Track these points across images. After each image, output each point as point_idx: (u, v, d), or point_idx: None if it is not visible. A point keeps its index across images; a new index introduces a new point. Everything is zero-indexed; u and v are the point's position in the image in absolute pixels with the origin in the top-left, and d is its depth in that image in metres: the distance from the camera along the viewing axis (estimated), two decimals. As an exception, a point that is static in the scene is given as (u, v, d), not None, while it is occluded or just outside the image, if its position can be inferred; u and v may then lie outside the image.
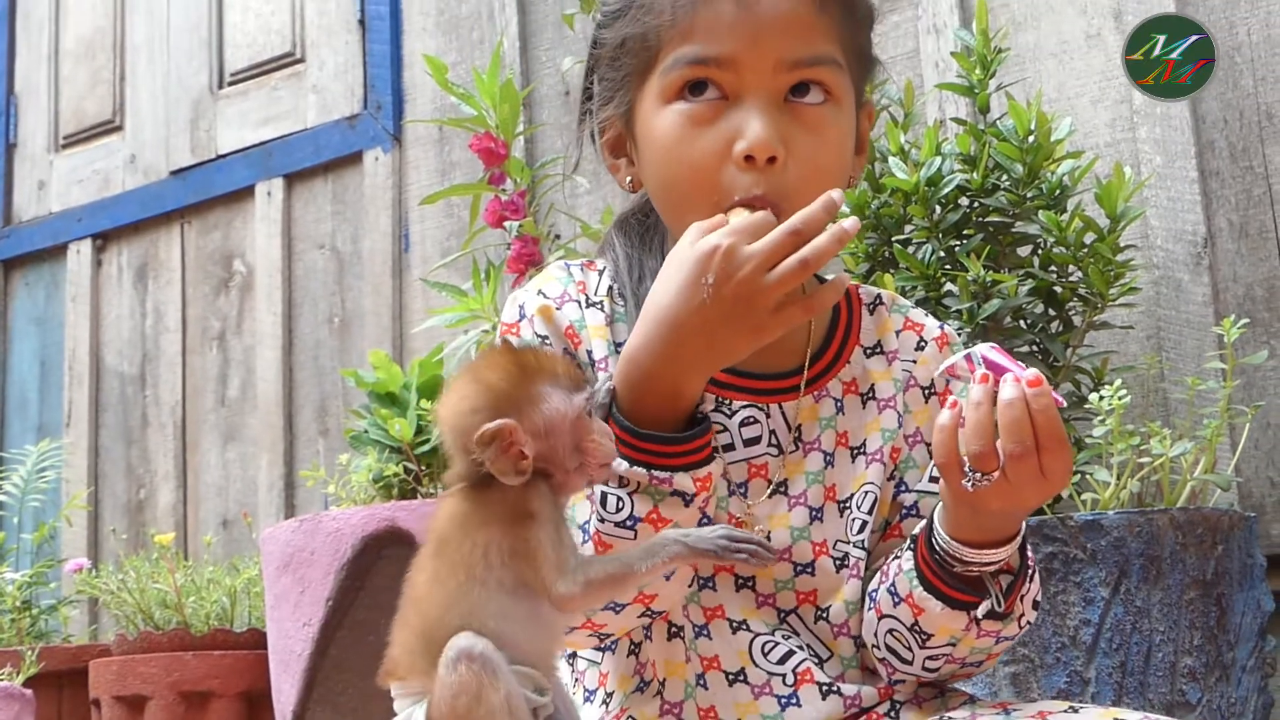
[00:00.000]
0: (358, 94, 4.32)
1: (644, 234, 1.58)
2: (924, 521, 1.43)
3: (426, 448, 2.96)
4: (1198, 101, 2.96)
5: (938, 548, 1.38)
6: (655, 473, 1.32)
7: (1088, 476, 2.32)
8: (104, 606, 3.79)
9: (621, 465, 1.31)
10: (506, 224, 2.90)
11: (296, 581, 2.82)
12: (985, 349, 1.31)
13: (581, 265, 1.57)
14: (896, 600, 1.43)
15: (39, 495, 4.34)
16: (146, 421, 4.68)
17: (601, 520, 1.33)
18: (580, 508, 1.35)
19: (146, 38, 4.91)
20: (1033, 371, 1.28)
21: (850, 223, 1.28)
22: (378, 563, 2.76)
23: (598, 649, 1.50)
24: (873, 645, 1.48)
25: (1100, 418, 2.31)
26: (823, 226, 1.28)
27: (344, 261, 4.30)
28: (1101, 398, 2.31)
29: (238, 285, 4.54)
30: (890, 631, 1.45)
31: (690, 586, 1.45)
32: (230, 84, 4.67)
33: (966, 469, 1.29)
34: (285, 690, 2.88)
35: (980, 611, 1.38)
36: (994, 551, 1.36)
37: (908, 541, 1.44)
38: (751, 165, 1.41)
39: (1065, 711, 1.40)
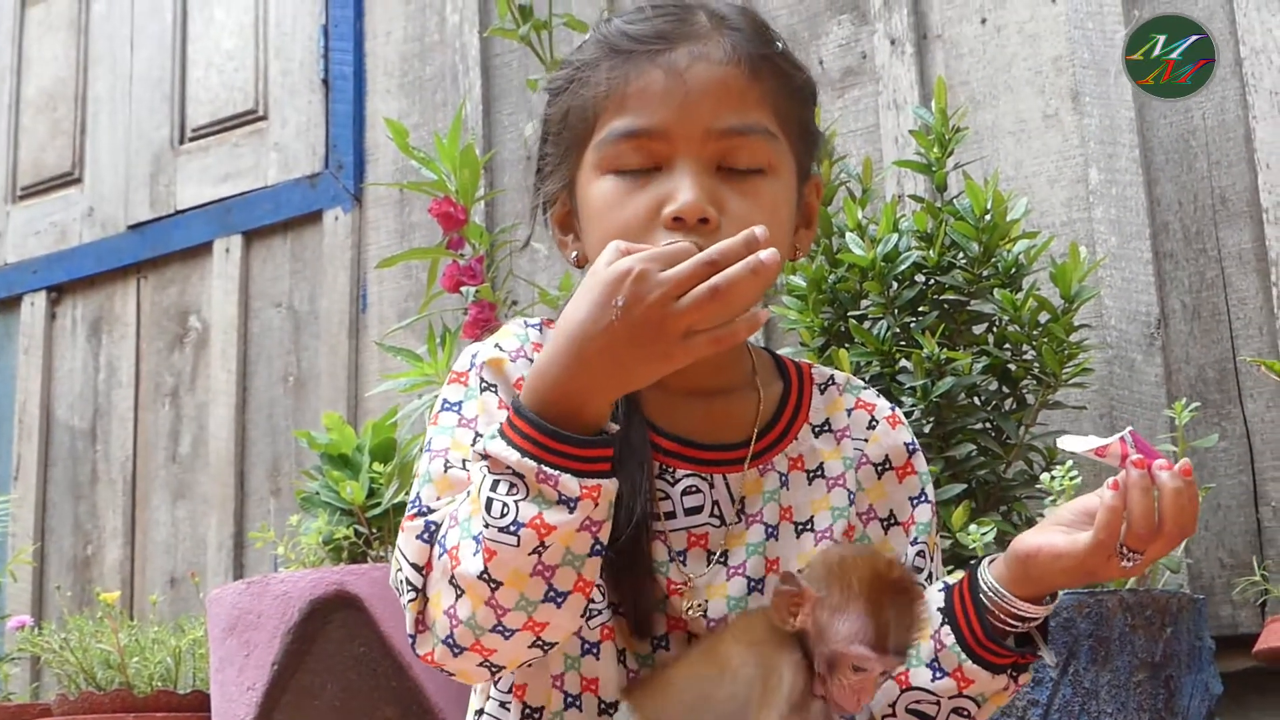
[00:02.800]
0: (319, 153, 4.31)
1: None
2: (942, 596, 1.48)
3: (377, 511, 2.93)
4: (1153, 184, 2.99)
5: (991, 609, 1.44)
6: (543, 468, 1.28)
7: (1038, 556, 2.31)
8: (46, 665, 3.74)
9: (512, 455, 1.29)
10: (464, 289, 2.89)
11: (242, 644, 2.79)
12: (1132, 433, 1.38)
13: (540, 325, 1.57)
14: (938, 674, 1.47)
15: (-17, 550, 4.30)
16: (96, 477, 4.63)
17: (486, 525, 1.30)
18: (475, 519, 1.32)
19: (108, 90, 4.89)
20: (1185, 461, 1.36)
21: (768, 254, 1.26)
22: (325, 627, 2.72)
23: (490, 680, 1.47)
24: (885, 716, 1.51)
25: (1052, 498, 2.31)
26: (740, 259, 1.27)
27: (300, 320, 4.28)
28: (1053, 477, 2.31)
29: (193, 341, 4.51)
30: (916, 701, 1.49)
31: (587, 620, 1.42)
32: (191, 139, 4.65)
33: (1123, 549, 1.35)
34: (227, 755, 2.84)
35: (1047, 657, 1.47)
36: (1047, 606, 1.45)
37: (939, 620, 1.48)
38: (681, 226, 1.42)
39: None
